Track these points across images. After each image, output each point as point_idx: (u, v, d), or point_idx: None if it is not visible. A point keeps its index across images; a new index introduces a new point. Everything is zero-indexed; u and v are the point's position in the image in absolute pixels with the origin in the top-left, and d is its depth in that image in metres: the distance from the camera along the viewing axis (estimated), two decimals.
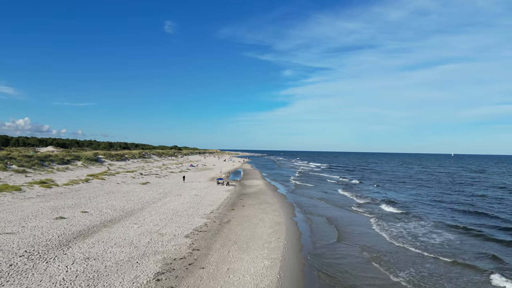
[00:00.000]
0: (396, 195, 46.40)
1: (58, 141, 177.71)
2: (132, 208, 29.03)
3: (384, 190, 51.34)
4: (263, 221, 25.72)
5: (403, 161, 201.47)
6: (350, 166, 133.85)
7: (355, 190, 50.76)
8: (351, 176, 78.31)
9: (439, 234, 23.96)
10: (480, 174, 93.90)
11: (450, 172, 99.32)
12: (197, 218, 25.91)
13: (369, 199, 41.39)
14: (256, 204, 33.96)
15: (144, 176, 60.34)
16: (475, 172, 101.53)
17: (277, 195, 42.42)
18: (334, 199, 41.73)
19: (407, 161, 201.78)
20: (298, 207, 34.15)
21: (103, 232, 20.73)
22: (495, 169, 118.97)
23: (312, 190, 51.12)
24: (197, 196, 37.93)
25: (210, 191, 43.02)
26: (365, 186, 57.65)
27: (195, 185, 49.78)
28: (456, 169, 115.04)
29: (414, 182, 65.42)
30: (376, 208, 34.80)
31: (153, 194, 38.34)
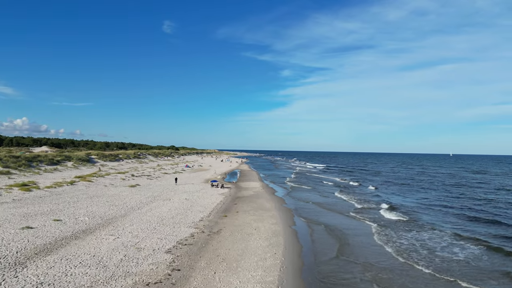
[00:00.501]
0: (398, 199, 43.68)
1: (52, 141, 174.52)
2: (113, 215, 26.15)
3: (385, 193, 48.58)
4: (259, 231, 22.90)
5: (402, 162, 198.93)
6: (349, 166, 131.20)
7: (354, 193, 48.02)
8: (350, 178, 75.56)
9: (459, 248, 21.08)
10: (483, 175, 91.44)
11: (452, 173, 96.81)
12: (184, 227, 23.06)
13: (370, 204, 38.64)
14: (252, 210, 31.14)
15: (135, 178, 57.42)
16: (477, 173, 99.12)
17: (275, 199, 39.61)
18: (333, 203, 38.93)
19: (407, 162, 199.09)
20: (296, 213, 31.35)
21: (71, 246, 17.87)
22: (496, 170, 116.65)
23: (311, 193, 48.35)
24: (187, 200, 35.05)
25: (203, 194, 40.17)
26: (365, 189, 54.85)
27: (188, 187, 46.91)
28: (457, 170, 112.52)
29: (416, 184, 62.71)
30: (378, 214, 32.02)
31: (140, 198, 35.46)
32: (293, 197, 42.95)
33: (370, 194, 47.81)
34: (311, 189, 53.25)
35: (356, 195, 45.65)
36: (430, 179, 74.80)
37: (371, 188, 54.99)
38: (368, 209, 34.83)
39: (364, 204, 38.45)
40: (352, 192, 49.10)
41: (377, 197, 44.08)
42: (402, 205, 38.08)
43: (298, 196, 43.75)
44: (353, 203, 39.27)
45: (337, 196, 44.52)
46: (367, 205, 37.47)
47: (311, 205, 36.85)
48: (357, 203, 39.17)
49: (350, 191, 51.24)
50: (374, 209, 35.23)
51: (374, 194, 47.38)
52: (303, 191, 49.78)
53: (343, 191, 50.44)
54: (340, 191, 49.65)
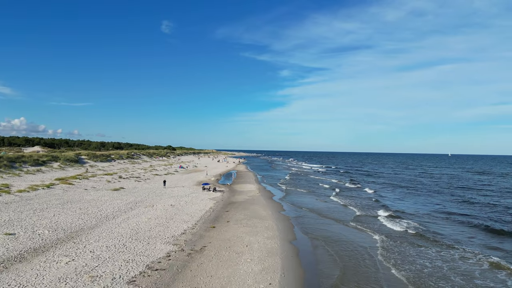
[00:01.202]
0: (400, 204, 39.59)
1: (45, 141, 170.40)
2: (81, 227, 22.12)
3: (386, 198, 44.52)
4: (251, 249, 18.92)
5: (401, 162, 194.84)
6: (347, 167, 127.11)
7: (353, 197, 44.03)
8: (348, 180, 71.20)
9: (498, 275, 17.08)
10: (487, 176, 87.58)
11: (455, 174, 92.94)
12: (160, 243, 19.05)
13: (370, 210, 34.65)
14: (245, 219, 27.14)
15: (122, 180, 53.33)
16: (481, 174, 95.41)
17: (271, 205, 35.62)
18: (332, 209, 34.87)
19: (406, 162, 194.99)
20: (295, 223, 27.38)
21: (9, 272, 13.85)
22: (500, 171, 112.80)
23: (309, 197, 44.42)
24: (173, 207, 31.01)
25: (192, 199, 36.15)
26: (364, 192, 50.63)
27: (177, 191, 42.86)
28: (460, 171, 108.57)
29: (419, 187, 58.67)
30: (381, 224, 28.00)
31: (120, 204, 31.40)
32: (291, 202, 38.97)
33: (370, 198, 43.70)
34: (309, 192, 49.27)
35: (355, 200, 41.68)
36: (433, 181, 70.86)
37: (370, 192, 50.91)
38: (369, 217, 30.81)
39: (364, 210, 34.42)
40: (351, 196, 45.06)
41: (377, 202, 39.94)
42: (405, 212, 34.04)
43: (296, 201, 39.80)
44: (352, 209, 35.21)
45: (336, 201, 40.39)
46: (367, 212, 33.41)
47: (310, 213, 32.67)
48: (357, 209, 35.19)
49: (349, 194, 47.21)
50: (376, 216, 31.18)
51: (374, 198, 43.14)
52: (301, 195, 45.80)
53: (342, 194, 46.47)
54: (339, 195, 45.70)
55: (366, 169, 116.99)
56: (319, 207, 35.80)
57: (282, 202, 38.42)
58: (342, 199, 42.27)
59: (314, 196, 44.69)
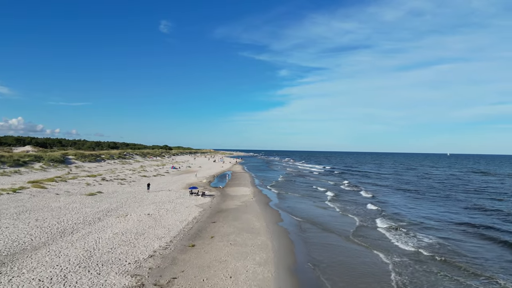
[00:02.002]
0: (407, 212, 34.35)
1: (37, 141, 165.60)
2: (23, 246, 17.37)
3: (389, 204, 39.10)
4: (236, 282, 14.19)
5: (400, 162, 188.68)
6: (345, 167, 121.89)
7: (353, 203, 39.07)
8: (347, 182, 65.54)
9: None
10: (493, 177, 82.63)
11: (458, 175, 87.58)
12: (114, 274, 14.30)
13: (372, 221, 29.41)
14: (233, 233, 22.40)
15: (104, 183, 48.55)
16: (485, 175, 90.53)
17: (267, 214, 30.87)
18: (332, 220, 29.84)
19: (405, 162, 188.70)
20: (295, 239, 22.63)
21: None
22: (506, 171, 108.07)
23: (307, 203, 39.71)
24: (150, 217, 26.24)
25: (175, 206, 31.38)
26: (364, 198, 44.28)
27: (161, 196, 38.09)
28: (464, 172, 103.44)
29: (423, 191, 52.77)
30: (388, 241, 22.94)
31: (88, 213, 26.64)
32: (288, 210, 34.18)
33: (371, 203, 38.42)
34: (307, 197, 44.21)
35: (356, 207, 36.37)
36: (437, 183, 65.42)
37: (371, 196, 45.47)
38: (373, 230, 25.86)
39: (366, 221, 29.15)
40: (351, 202, 39.83)
41: (380, 210, 34.68)
42: (412, 222, 28.71)
43: (293, 208, 35.05)
44: (354, 219, 30.08)
45: (335, 209, 35.04)
46: (370, 224, 28.16)
47: (310, 224, 27.66)
48: (358, 218, 30.10)
49: (349, 199, 42.06)
50: (379, 229, 26.11)
51: (376, 205, 37.64)
52: (298, 200, 40.98)
53: (341, 200, 41.31)
54: (338, 201, 40.52)
55: (365, 169, 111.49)
56: (319, 217, 30.73)
57: (279, 209, 33.64)
58: (341, 205, 37.33)
59: (312, 202, 39.74)
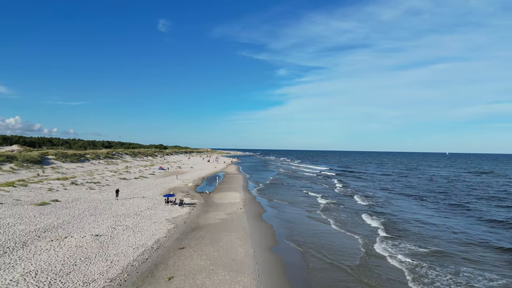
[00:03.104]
0: (422, 229, 26.40)
1: (25, 139, 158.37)
2: None
3: (397, 218, 31.13)
4: None
5: (400, 162, 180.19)
6: (345, 168, 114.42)
7: (355, 214, 32.05)
8: (347, 186, 57.25)
9: None
10: (504, 179, 75.59)
11: (464, 177, 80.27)
12: None
13: (384, 246, 21.73)
14: (204, 271, 15.46)
15: (71, 187, 41.60)
16: (496, 177, 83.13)
17: (257, 232, 23.89)
18: (337, 244, 22.55)
19: (405, 162, 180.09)
20: (294, 278, 15.76)
21: None
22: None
23: (309, 220, 32.88)
24: (97, 239, 19.29)
25: (139, 222, 24.45)
26: (366, 208, 35.78)
27: (129, 205, 31.12)
28: (473, 174, 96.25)
29: (431, 197, 44.28)
30: (402, 275, 16.30)
31: (15, 233, 19.70)
32: (284, 224, 27.34)
33: (375, 217, 30.73)
34: (307, 206, 37.22)
35: (355, 221, 29.14)
36: (445, 187, 56.98)
37: (371, 204, 38.06)
38: (380, 260, 18.83)
39: (370, 245, 21.61)
40: (353, 213, 32.49)
41: (386, 227, 27.05)
42: (433, 249, 20.88)
43: (289, 221, 28.21)
44: (357, 239, 23.02)
45: (335, 225, 27.30)
46: (376, 250, 20.59)
47: (312, 251, 20.85)
48: (361, 239, 22.99)
49: (349, 210, 34.23)
50: (391, 259, 18.97)
51: (384, 216, 30.76)
52: (295, 211, 34.09)
53: (341, 210, 33.84)
54: (338, 211, 33.42)
55: (366, 170, 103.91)
56: (321, 239, 23.63)
57: (273, 224, 26.68)
58: (343, 218, 30.33)
59: (314, 214, 32.73)
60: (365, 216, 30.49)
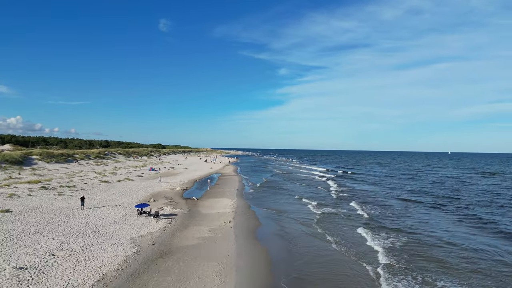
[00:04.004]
0: (452, 255, 20.11)
1: (18, 139, 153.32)
2: None
3: (411, 232, 25.76)
4: None
5: (403, 162, 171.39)
6: (347, 169, 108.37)
7: (357, 229, 26.49)
8: (348, 191, 51.18)
9: None
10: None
11: (474, 179, 74.27)
12: None
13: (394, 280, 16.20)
14: None
15: (38, 193, 36.08)
16: (506, 178, 76.92)
17: (245, 260, 18.22)
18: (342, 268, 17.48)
19: (408, 162, 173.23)
20: None
21: None
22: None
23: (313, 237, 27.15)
24: (18, 275, 13.66)
25: (95, 242, 18.80)
26: (372, 219, 29.86)
27: (94, 217, 25.43)
28: (489, 177, 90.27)
29: (449, 205, 38.17)
30: None
31: None
32: (284, 245, 21.65)
33: (383, 232, 25.34)
34: (307, 217, 31.75)
35: (359, 242, 24.04)
36: (466, 192, 50.71)
37: (381, 215, 31.98)
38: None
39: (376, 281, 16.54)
40: (354, 230, 27.34)
41: (397, 253, 21.30)
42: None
43: (288, 238, 22.56)
44: (368, 270, 17.30)
45: (340, 248, 22.66)
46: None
47: None
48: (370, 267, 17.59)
49: (355, 224, 28.55)
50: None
51: (392, 235, 24.90)
52: (297, 225, 28.48)
53: (343, 225, 28.75)
54: (339, 225, 28.02)
55: (368, 171, 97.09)
56: (326, 271, 18.31)
57: (268, 247, 20.94)
58: (350, 237, 24.76)
59: (314, 229, 27.16)
60: (370, 235, 24.10)
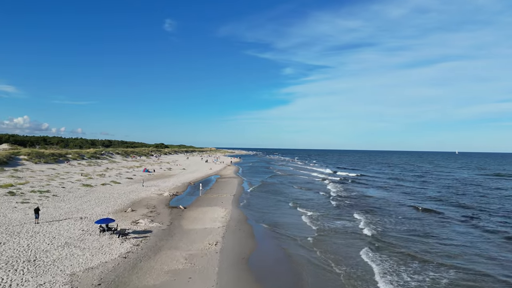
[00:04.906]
0: None
1: (16, 138, 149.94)
2: None
3: (445, 262, 19.35)
4: None
5: (411, 162, 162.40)
6: (353, 169, 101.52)
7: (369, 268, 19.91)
8: (357, 197, 44.02)
9: None
10: None
11: (491, 181, 67.23)
12: None
13: None
14: None
15: (5, 199, 30.61)
16: None
17: None
18: None
19: (417, 162, 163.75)
20: None
21: None
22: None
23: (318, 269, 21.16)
24: None
25: (17, 280, 13.22)
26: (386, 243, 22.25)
27: (43, 235, 19.83)
28: (504, 179, 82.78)
29: (484, 217, 31.00)
30: None
31: None
32: None
33: (401, 260, 19.03)
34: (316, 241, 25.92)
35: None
36: (497, 200, 43.25)
37: (395, 235, 25.32)
38: None
39: None
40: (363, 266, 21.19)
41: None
42: None
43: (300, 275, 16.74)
44: None
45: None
46: None
47: None
48: None
49: (360, 245, 23.09)
50: None
51: (413, 261, 18.87)
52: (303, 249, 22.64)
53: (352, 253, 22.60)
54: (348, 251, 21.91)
55: (375, 173, 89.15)
56: None
57: (263, 285, 15.18)
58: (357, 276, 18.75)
59: (322, 263, 21.38)
60: (380, 267, 17.44)
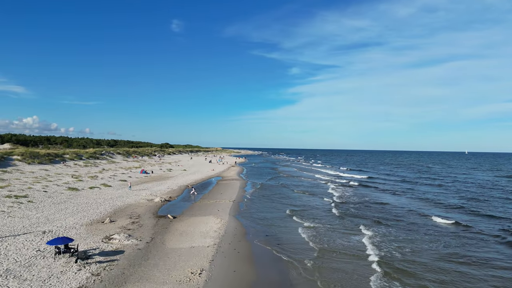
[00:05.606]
0: None
1: (18, 138, 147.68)
2: None
3: None
4: None
5: (421, 162, 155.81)
6: (361, 170, 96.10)
7: None
8: (367, 208, 38.46)
9: None
10: None
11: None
12: None
13: None
14: None
15: None
16: None
17: None
18: None
19: (427, 163, 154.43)
20: None
21: None
22: None
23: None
24: None
25: None
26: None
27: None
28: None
29: None
30: None
31: None
32: None
33: None
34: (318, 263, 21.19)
35: None
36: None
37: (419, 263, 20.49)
38: None
39: None
40: None
41: None
42: None
43: None
44: None
45: None
46: None
47: None
48: None
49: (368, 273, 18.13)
50: None
51: None
52: None
53: None
54: None
55: (385, 175, 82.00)
56: None
57: None
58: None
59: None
60: None
